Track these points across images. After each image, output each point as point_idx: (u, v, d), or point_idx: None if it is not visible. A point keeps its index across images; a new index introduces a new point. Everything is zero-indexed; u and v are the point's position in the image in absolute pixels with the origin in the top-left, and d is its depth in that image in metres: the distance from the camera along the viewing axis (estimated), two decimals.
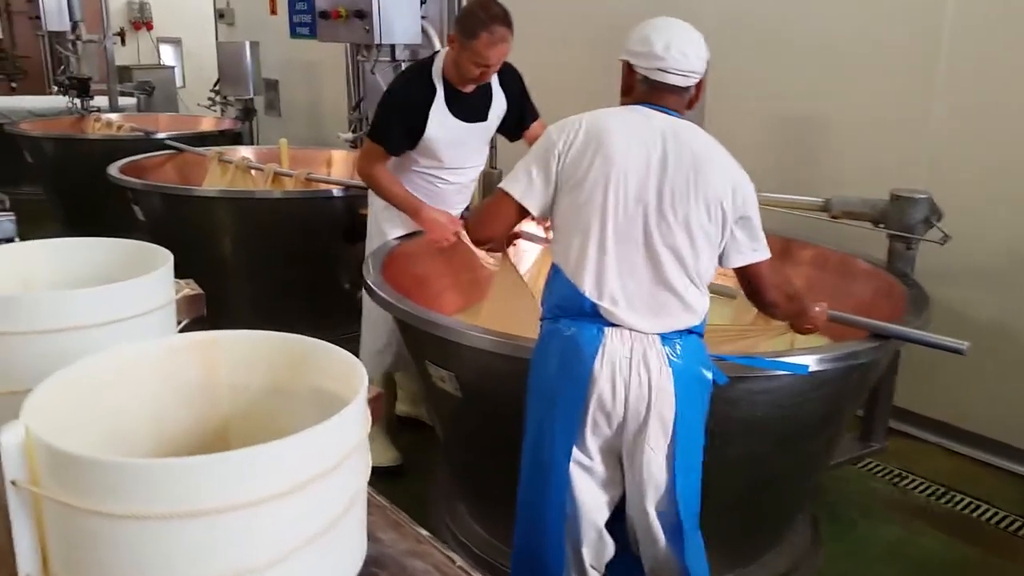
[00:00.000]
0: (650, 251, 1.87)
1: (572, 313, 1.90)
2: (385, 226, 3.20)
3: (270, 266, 4.23)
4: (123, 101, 7.94)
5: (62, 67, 7.49)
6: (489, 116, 3.07)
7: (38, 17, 7.91)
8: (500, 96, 3.08)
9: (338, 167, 5.40)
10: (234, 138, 6.48)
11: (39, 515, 1.10)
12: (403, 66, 3.80)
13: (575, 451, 1.92)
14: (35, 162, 6.43)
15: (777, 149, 3.85)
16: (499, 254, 2.71)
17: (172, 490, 1.00)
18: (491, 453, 2.49)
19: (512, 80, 3.09)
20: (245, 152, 5.31)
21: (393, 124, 2.94)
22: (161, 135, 6.03)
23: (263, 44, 6.47)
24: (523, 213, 2.02)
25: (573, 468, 1.92)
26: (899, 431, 3.49)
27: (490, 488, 2.63)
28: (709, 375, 1.92)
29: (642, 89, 1.94)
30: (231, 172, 4.80)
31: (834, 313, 2.27)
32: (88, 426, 1.29)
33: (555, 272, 1.95)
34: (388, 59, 3.73)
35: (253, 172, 4.75)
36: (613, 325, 1.87)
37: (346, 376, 1.32)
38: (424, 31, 3.75)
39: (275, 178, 4.60)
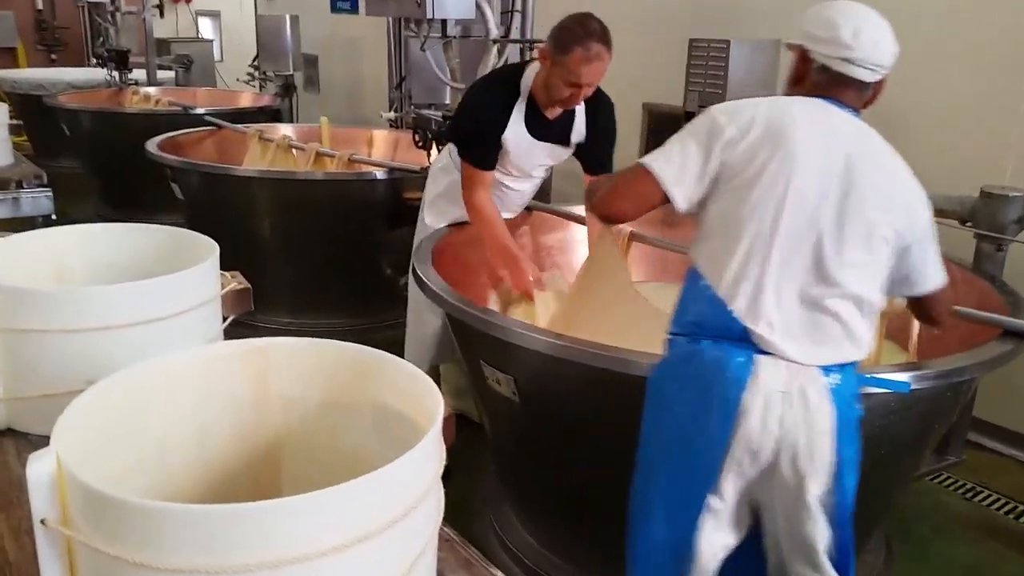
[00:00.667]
0: (819, 272, 1.62)
1: (714, 333, 1.65)
2: (430, 217, 3.05)
3: (311, 249, 4.10)
4: (161, 75, 7.84)
5: (101, 39, 7.41)
6: (566, 139, 2.85)
7: None
8: (582, 121, 2.84)
9: (380, 147, 5.25)
10: (273, 115, 6.35)
11: (71, 558, 0.96)
12: (454, 44, 3.63)
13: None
14: (73, 135, 6.34)
15: None
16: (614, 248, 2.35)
17: (222, 540, 0.86)
18: (548, 460, 2.35)
19: (602, 111, 2.84)
20: (286, 130, 5.17)
21: (485, 136, 2.72)
22: (199, 110, 5.91)
23: (303, 18, 6.32)
24: (663, 200, 1.71)
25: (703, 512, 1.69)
26: (973, 442, 3.28)
27: (545, 496, 2.48)
28: (860, 409, 1.69)
29: (819, 80, 1.71)
30: (272, 151, 4.67)
31: (963, 310, 2.09)
32: (127, 446, 1.15)
33: (697, 283, 1.69)
34: (439, 35, 3.54)
35: (294, 152, 4.61)
36: (764, 352, 1.62)
37: (416, 396, 1.16)
38: (478, 6, 3.56)
39: (317, 158, 4.46)
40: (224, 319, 1.74)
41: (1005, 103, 3.17)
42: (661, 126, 4.40)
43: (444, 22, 3.52)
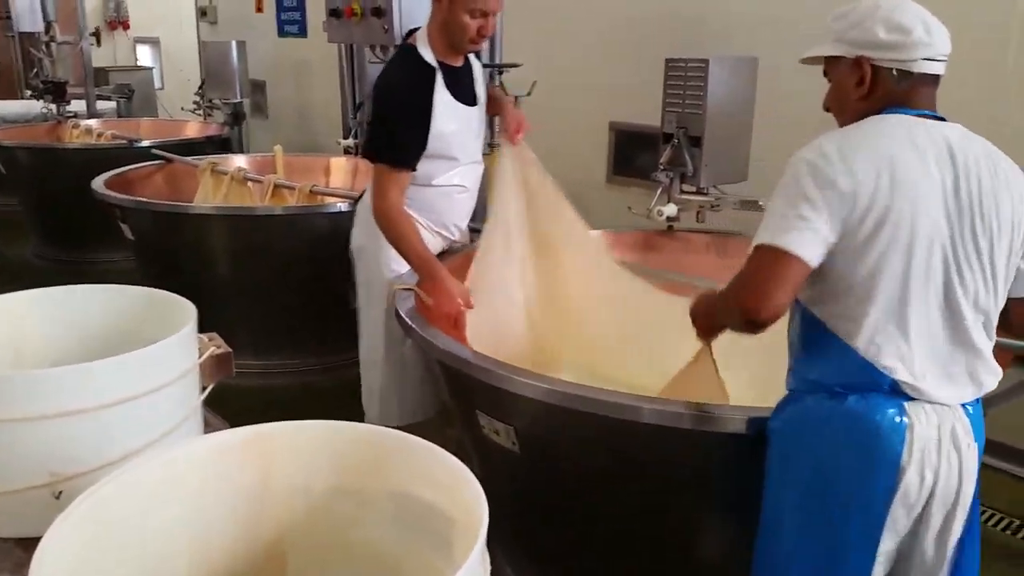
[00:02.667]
0: (949, 305, 1.52)
1: (859, 388, 1.52)
2: (395, 262, 2.68)
3: (275, 287, 3.92)
4: (101, 105, 7.55)
5: (35, 70, 7.10)
6: (480, 94, 2.68)
7: (8, 17, 7.50)
8: (478, 68, 2.70)
9: (338, 176, 5.09)
10: (222, 144, 6.13)
11: None
12: None
13: None
14: (9, 173, 6.04)
15: None
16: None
17: None
18: (552, 515, 2.21)
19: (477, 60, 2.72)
20: (239, 161, 4.97)
21: (405, 130, 2.47)
22: (145, 143, 5.67)
23: (248, 43, 6.14)
24: (805, 271, 1.51)
25: None
26: None
27: (549, 554, 2.34)
28: None
29: (900, 88, 1.56)
30: (226, 184, 4.47)
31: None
32: (118, 561, 0.99)
33: (830, 341, 1.55)
34: None
35: (250, 184, 4.42)
36: (912, 399, 1.51)
37: (450, 487, 1.02)
38: None
39: (275, 191, 4.28)
40: (203, 389, 1.58)
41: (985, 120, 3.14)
42: (627, 145, 4.34)
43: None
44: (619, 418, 1.83)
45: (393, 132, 2.49)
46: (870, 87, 1.59)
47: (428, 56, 2.50)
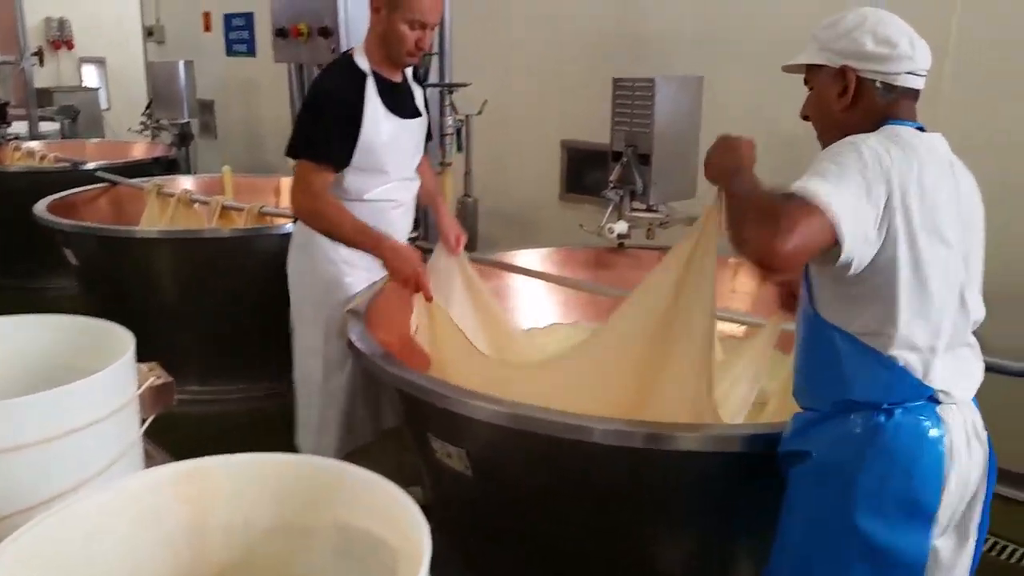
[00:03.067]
0: (964, 307, 1.55)
1: (900, 401, 1.51)
2: (348, 275, 2.63)
3: (223, 312, 3.84)
4: (44, 127, 7.40)
5: None
6: (419, 111, 2.67)
7: None
8: (419, 90, 2.69)
9: (287, 196, 5.02)
10: (169, 165, 6.03)
11: None
12: None
13: None
14: None
15: (769, 170, 3.63)
16: None
17: None
18: (506, 537, 2.18)
19: (417, 78, 2.72)
20: (186, 183, 4.90)
21: (330, 127, 2.42)
22: (90, 165, 5.53)
23: (196, 63, 6.06)
24: (828, 248, 1.41)
25: None
26: None
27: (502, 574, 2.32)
28: None
29: (885, 100, 1.57)
30: (172, 207, 4.39)
31: None
32: None
33: (865, 355, 1.52)
34: None
35: (197, 206, 4.34)
36: (941, 403, 1.53)
37: (392, 516, 1.00)
38: None
39: (223, 213, 4.21)
40: (143, 421, 1.53)
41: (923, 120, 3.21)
42: (579, 164, 4.36)
43: None
44: (570, 438, 1.82)
45: (315, 128, 2.45)
46: (853, 98, 1.59)
47: (363, 64, 2.49)
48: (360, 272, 2.65)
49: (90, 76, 10.04)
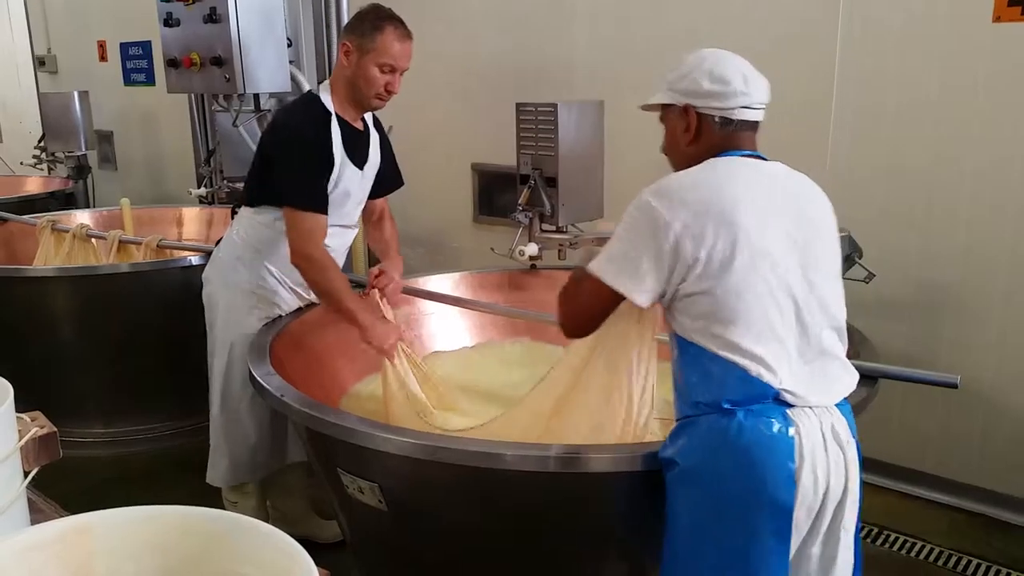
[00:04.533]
0: (801, 318, 1.63)
1: (744, 402, 1.59)
2: (244, 314, 2.61)
3: (123, 350, 3.68)
4: None
5: None
6: (371, 159, 2.64)
7: None
8: (375, 137, 2.67)
9: (191, 227, 4.89)
10: (66, 199, 5.79)
11: None
12: (269, 117, 3.41)
13: None
14: None
15: None
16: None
17: None
18: (427, 572, 2.14)
19: (380, 127, 2.70)
20: (82, 217, 4.70)
21: (316, 172, 2.40)
22: None
23: (93, 93, 5.86)
24: (618, 302, 1.71)
25: None
26: None
27: None
28: None
29: (722, 133, 1.71)
30: (68, 242, 4.19)
31: None
32: None
33: (708, 360, 1.62)
34: (252, 110, 3.32)
35: (94, 241, 4.16)
36: (792, 405, 1.60)
37: (282, 566, 0.96)
38: (293, 78, 3.36)
39: (121, 247, 4.04)
40: (26, 474, 1.44)
41: (814, 143, 3.33)
42: (490, 186, 4.37)
43: (257, 96, 3.30)
44: (483, 467, 1.80)
45: (302, 175, 2.42)
46: (695, 133, 1.72)
47: (329, 104, 2.47)
48: (280, 301, 2.67)
49: None
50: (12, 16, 7.84)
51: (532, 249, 3.09)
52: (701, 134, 1.72)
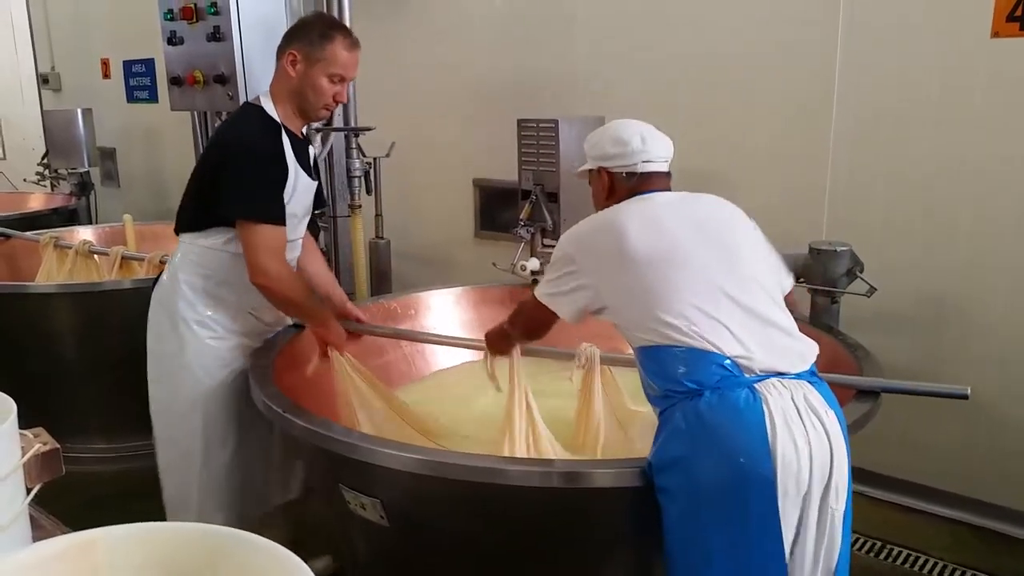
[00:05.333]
0: (736, 297, 1.78)
1: (708, 380, 1.69)
2: (211, 351, 2.48)
3: (125, 366, 3.63)
4: None
5: None
6: (313, 174, 2.55)
7: None
8: (311, 149, 2.58)
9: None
10: (69, 216, 5.81)
11: None
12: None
13: None
14: None
15: None
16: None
17: None
18: None
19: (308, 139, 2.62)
20: (84, 233, 4.72)
21: (271, 183, 2.29)
22: None
23: (96, 110, 5.90)
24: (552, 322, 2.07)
25: None
26: None
27: None
28: None
29: (631, 184, 1.98)
30: (70, 259, 4.20)
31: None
32: None
33: (661, 351, 1.76)
34: None
35: (97, 257, 4.17)
36: (757, 380, 1.69)
37: None
38: None
39: (123, 263, 4.05)
40: (28, 491, 1.44)
41: (814, 156, 3.35)
42: (491, 201, 4.39)
43: None
44: (485, 482, 1.80)
45: (257, 186, 2.30)
46: (610, 188, 2.02)
47: (274, 115, 2.39)
48: (234, 339, 2.55)
49: None
50: (16, 33, 7.89)
51: (534, 264, 3.10)
52: (615, 188, 2.01)
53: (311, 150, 2.59)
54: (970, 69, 2.97)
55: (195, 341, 2.49)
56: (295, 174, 2.38)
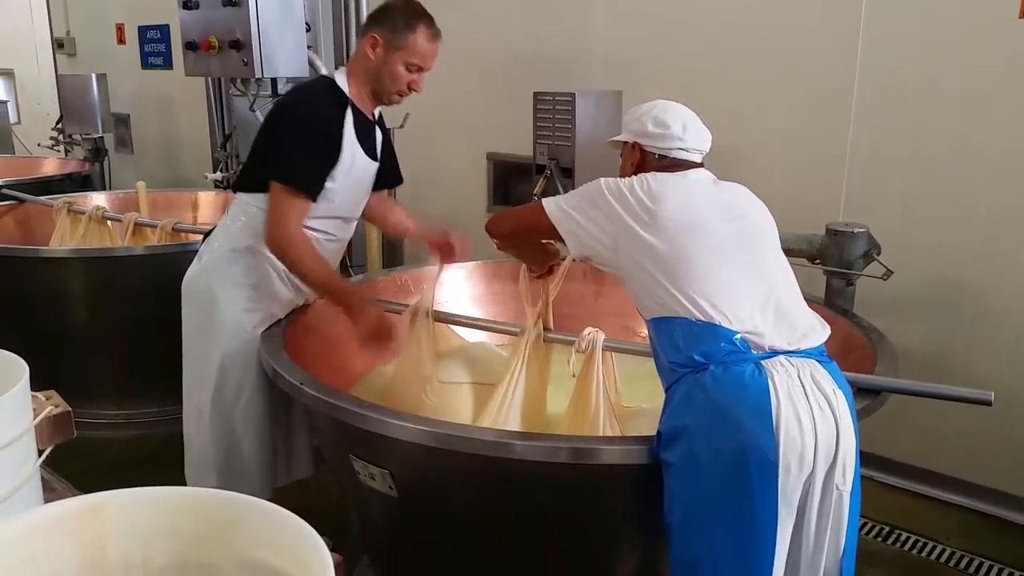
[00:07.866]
0: (752, 274, 1.83)
1: (716, 353, 1.70)
2: (244, 314, 2.45)
3: (136, 332, 3.70)
4: None
5: None
6: (377, 154, 2.52)
7: None
8: (380, 134, 2.55)
9: (206, 211, 4.89)
10: (82, 181, 5.80)
11: None
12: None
13: None
14: None
15: None
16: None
17: None
18: (436, 560, 2.14)
19: (383, 123, 2.58)
20: (98, 199, 4.72)
21: (311, 151, 2.26)
22: None
23: (110, 76, 5.87)
24: (549, 232, 2.04)
25: None
26: None
27: None
28: None
29: (660, 165, 1.98)
30: (83, 224, 4.21)
31: None
32: None
33: (670, 322, 1.79)
34: (269, 94, 3.32)
35: (110, 224, 4.18)
36: (764, 356, 1.70)
37: (296, 550, 0.96)
38: (311, 63, 3.36)
39: (136, 229, 4.06)
40: (40, 452, 1.45)
41: (834, 135, 3.31)
42: (505, 176, 4.36)
43: (274, 80, 3.30)
44: (494, 456, 1.80)
45: (299, 152, 2.27)
46: (639, 165, 2.02)
47: (346, 90, 2.36)
48: (279, 295, 2.53)
49: None
50: None
51: None
52: (644, 166, 2.01)
53: (379, 135, 2.55)
54: (994, 50, 2.92)
55: (237, 304, 2.48)
56: (352, 153, 2.36)
